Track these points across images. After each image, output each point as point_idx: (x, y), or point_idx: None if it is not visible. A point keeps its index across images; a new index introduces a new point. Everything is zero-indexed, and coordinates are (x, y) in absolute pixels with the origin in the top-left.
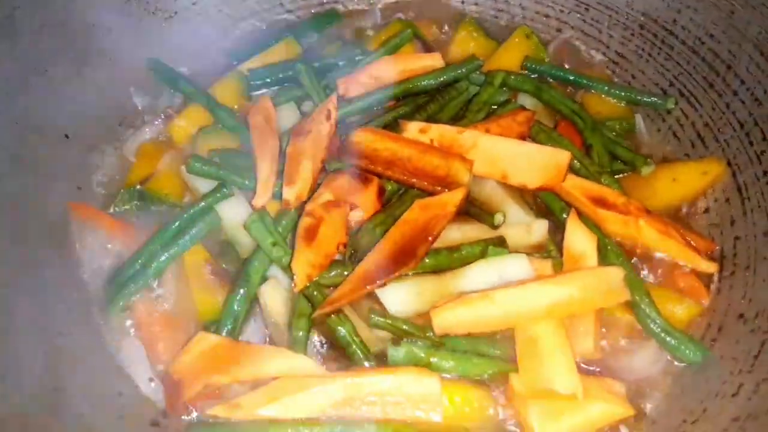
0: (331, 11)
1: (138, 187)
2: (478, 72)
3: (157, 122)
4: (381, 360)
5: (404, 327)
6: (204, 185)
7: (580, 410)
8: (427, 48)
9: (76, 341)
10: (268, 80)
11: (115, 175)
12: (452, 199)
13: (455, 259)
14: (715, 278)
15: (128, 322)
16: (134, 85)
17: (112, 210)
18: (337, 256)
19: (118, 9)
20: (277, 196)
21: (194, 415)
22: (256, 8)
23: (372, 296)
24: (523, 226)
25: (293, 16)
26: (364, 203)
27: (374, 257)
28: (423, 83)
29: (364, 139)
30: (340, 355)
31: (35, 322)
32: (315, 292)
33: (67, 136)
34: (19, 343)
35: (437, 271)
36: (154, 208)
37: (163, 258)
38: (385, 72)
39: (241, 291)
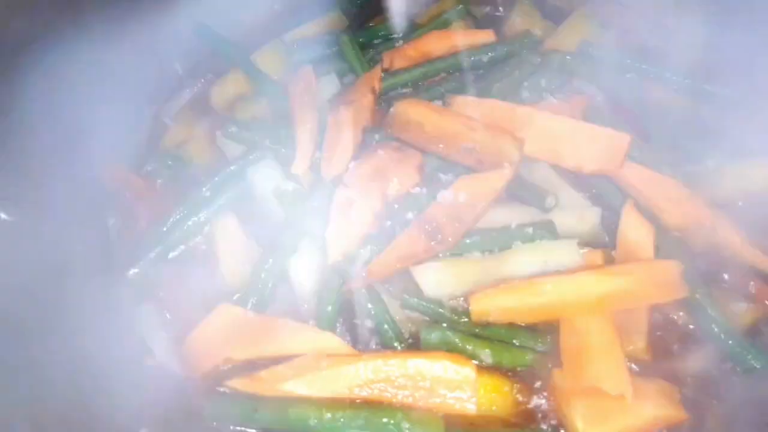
0: None
1: (173, 151)
2: (533, 52)
3: (196, 88)
4: (413, 343)
5: (439, 310)
6: (238, 152)
7: (629, 412)
8: (480, 26)
9: (96, 304)
10: (312, 51)
11: (151, 138)
12: (499, 177)
13: (499, 241)
14: None
15: (150, 288)
16: (176, 49)
17: (145, 172)
18: (373, 231)
19: None
20: (314, 165)
21: (212, 386)
22: None
23: (407, 276)
24: (575, 212)
25: None
26: (403, 177)
27: (410, 232)
28: (473, 58)
29: (409, 111)
30: (370, 335)
31: (57, 280)
32: (347, 267)
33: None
34: (39, 300)
35: (479, 253)
36: (187, 172)
37: (190, 222)
38: (433, 46)
39: (270, 261)
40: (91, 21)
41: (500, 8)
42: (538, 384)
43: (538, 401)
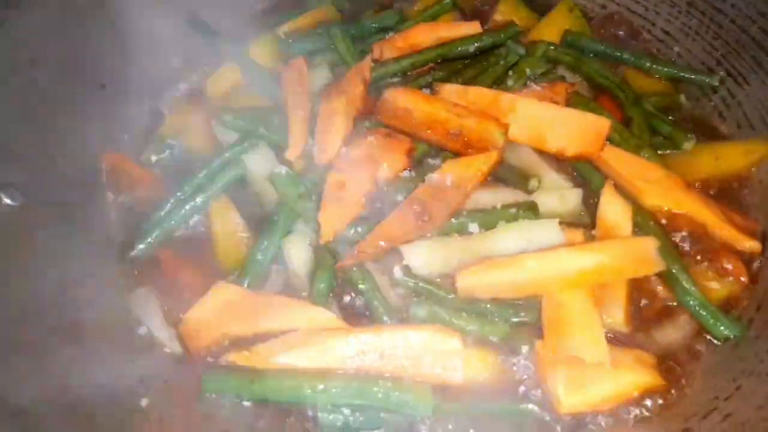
0: None
1: (169, 140)
2: (517, 42)
3: (192, 79)
4: (402, 319)
5: (427, 286)
6: (233, 140)
7: (608, 379)
8: (467, 19)
9: (95, 283)
10: (304, 43)
11: (148, 127)
12: (485, 160)
13: (485, 221)
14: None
15: (149, 269)
16: (172, 42)
17: (142, 159)
18: (364, 213)
19: None
20: (307, 152)
21: (210, 361)
22: None
23: (397, 254)
24: (557, 194)
25: None
26: (393, 161)
27: (399, 213)
28: (460, 49)
29: (398, 99)
30: (361, 311)
31: (59, 261)
32: (339, 246)
33: (103, 86)
34: (40, 281)
35: (465, 232)
36: (184, 159)
37: (188, 207)
38: (421, 38)
39: (265, 242)
40: (84, 12)
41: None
42: (522, 355)
43: (522, 371)
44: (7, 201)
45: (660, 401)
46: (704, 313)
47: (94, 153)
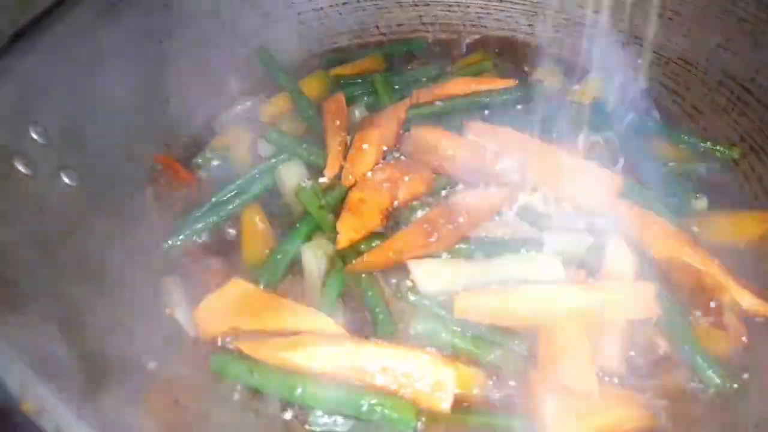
0: (419, 38)
1: (218, 152)
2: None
3: (247, 104)
4: (401, 331)
5: (428, 303)
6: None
7: (597, 411)
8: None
9: (134, 264)
10: (350, 84)
11: (201, 141)
12: (498, 193)
13: (492, 250)
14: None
15: (179, 260)
16: (233, 69)
17: (191, 166)
18: (380, 228)
19: (235, 3)
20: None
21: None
22: (354, 27)
23: (404, 270)
24: (568, 236)
25: (384, 38)
26: (412, 187)
27: (410, 230)
28: (492, 98)
29: (425, 134)
30: (365, 323)
31: (107, 241)
32: (352, 255)
33: (167, 100)
34: (90, 254)
35: (472, 258)
36: (228, 170)
37: (223, 209)
38: (458, 89)
39: (285, 246)
40: (161, 35)
41: (525, 68)
42: (513, 381)
43: (511, 396)
44: (67, 181)
45: None
46: (699, 360)
47: (149, 153)
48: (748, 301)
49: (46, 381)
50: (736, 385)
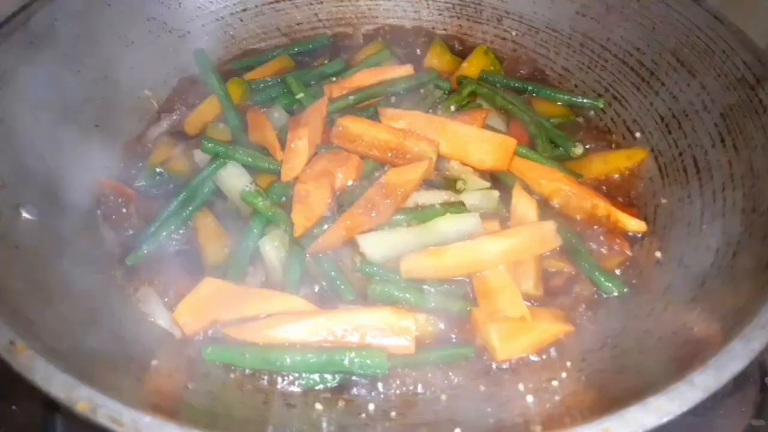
0: (320, 35)
1: (157, 168)
2: (442, 80)
3: (173, 117)
4: (363, 296)
5: (378, 269)
6: None
7: (531, 329)
8: (402, 64)
9: (105, 283)
10: (266, 89)
11: (136, 159)
12: (419, 168)
13: (423, 216)
14: (639, 236)
15: (145, 273)
16: (149, 87)
17: (135, 186)
18: (326, 213)
19: (140, 26)
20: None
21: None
22: (257, 31)
23: (354, 244)
24: (479, 194)
25: (287, 39)
26: (346, 174)
27: (353, 211)
28: (395, 86)
29: (349, 125)
30: (328, 297)
31: (75, 266)
32: (308, 241)
33: (97, 126)
34: (61, 279)
35: (408, 226)
36: (171, 184)
37: (175, 220)
38: (365, 80)
39: (243, 244)
40: (80, 64)
41: (417, 50)
42: (459, 320)
43: (461, 332)
44: (27, 215)
45: (569, 341)
46: (597, 275)
47: (92, 179)
48: (626, 221)
49: (88, 384)
50: (626, 289)
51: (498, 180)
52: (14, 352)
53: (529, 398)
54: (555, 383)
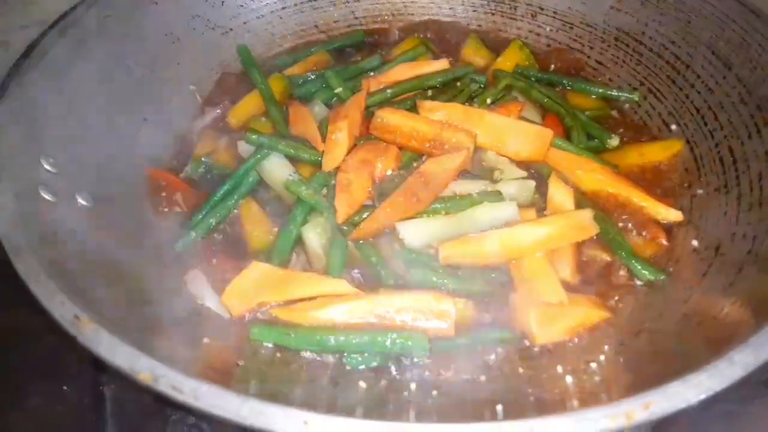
0: (356, 32)
1: (203, 159)
2: (478, 74)
3: (216, 111)
4: (402, 283)
5: (418, 256)
6: None
7: (568, 314)
8: (438, 59)
9: (152, 273)
10: (306, 83)
11: (183, 151)
12: (457, 158)
13: (461, 205)
14: (675, 226)
15: (193, 258)
16: (193, 82)
17: (182, 176)
18: (367, 201)
19: (185, 24)
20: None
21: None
22: (296, 29)
23: (395, 234)
24: (516, 183)
25: (325, 35)
26: (385, 163)
27: (393, 199)
28: (432, 80)
29: (387, 116)
30: (368, 282)
31: (130, 249)
32: (350, 227)
33: (145, 119)
34: (112, 279)
35: (446, 214)
36: (215, 174)
37: (220, 208)
38: (402, 74)
39: (289, 229)
40: (128, 60)
41: (453, 45)
42: (497, 305)
43: (498, 316)
44: (83, 202)
45: (608, 327)
46: (633, 263)
47: (141, 168)
48: (662, 210)
49: (149, 355)
50: (663, 276)
51: (534, 170)
52: (79, 325)
53: (569, 378)
54: (593, 365)
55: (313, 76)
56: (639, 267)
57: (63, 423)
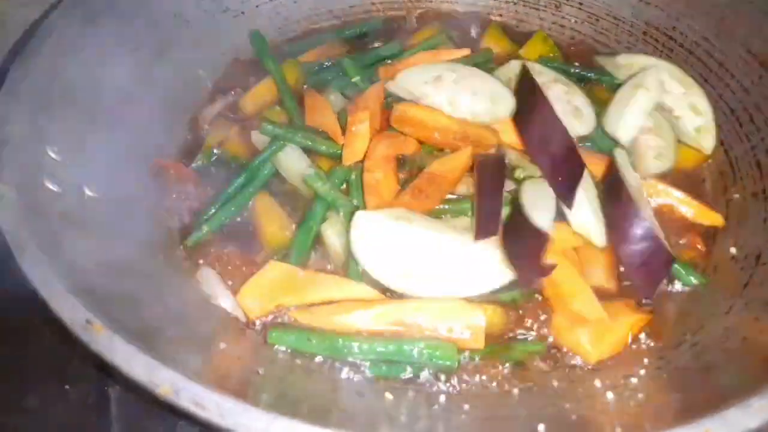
0: (373, 18)
1: (214, 149)
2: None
3: (228, 98)
4: None
5: None
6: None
7: (614, 327)
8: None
9: (163, 270)
10: (321, 71)
11: (193, 140)
12: (463, 155)
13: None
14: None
15: (205, 254)
16: (203, 68)
17: (194, 167)
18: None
19: (196, 6)
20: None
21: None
22: (309, 13)
23: None
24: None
25: (340, 21)
26: (408, 158)
27: (402, 197)
28: None
29: (408, 110)
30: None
31: (137, 243)
32: None
33: (153, 105)
34: (122, 276)
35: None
36: (228, 165)
37: (234, 202)
38: (422, 63)
39: (309, 225)
40: (136, 42)
41: (473, 35)
42: (529, 319)
43: (527, 330)
44: (89, 193)
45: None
46: (678, 269)
47: (149, 159)
48: (702, 213)
49: (170, 368)
50: (706, 281)
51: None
52: (92, 331)
53: (609, 395)
54: (634, 380)
55: (328, 64)
56: (683, 272)
57: (65, 424)
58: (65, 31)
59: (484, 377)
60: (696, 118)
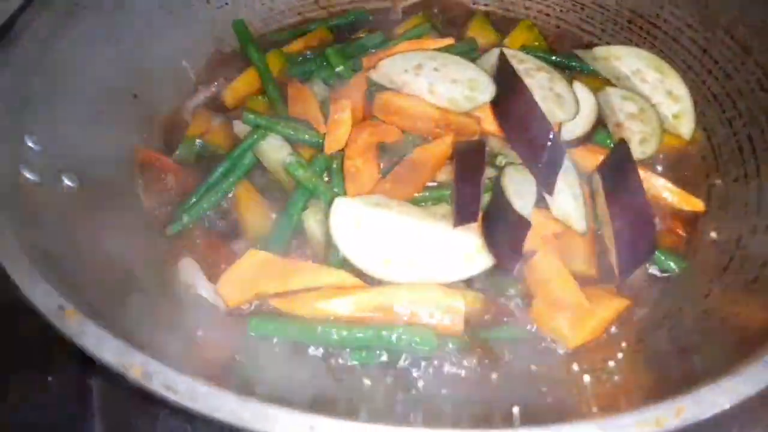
0: (358, 9)
1: (196, 140)
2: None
3: (210, 89)
4: None
5: None
6: None
7: (593, 312)
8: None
9: (143, 260)
10: (305, 62)
11: (175, 131)
12: (443, 143)
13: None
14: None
15: (186, 244)
16: (186, 58)
17: (174, 157)
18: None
19: None
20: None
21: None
22: (295, 3)
23: None
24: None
25: (325, 12)
26: (388, 146)
27: (383, 184)
28: None
29: (392, 99)
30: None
31: (115, 235)
32: None
33: (135, 96)
34: (102, 249)
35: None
36: (209, 156)
37: (215, 191)
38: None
39: (289, 214)
40: (117, 33)
41: (458, 25)
42: (505, 302)
43: (503, 315)
44: (68, 183)
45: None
46: (658, 255)
47: (130, 149)
48: (683, 199)
49: (139, 350)
50: (685, 265)
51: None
52: (64, 317)
53: (587, 378)
54: (612, 364)
55: (312, 54)
56: (662, 257)
57: (47, 415)
58: (45, 21)
59: (463, 362)
60: (673, 104)
